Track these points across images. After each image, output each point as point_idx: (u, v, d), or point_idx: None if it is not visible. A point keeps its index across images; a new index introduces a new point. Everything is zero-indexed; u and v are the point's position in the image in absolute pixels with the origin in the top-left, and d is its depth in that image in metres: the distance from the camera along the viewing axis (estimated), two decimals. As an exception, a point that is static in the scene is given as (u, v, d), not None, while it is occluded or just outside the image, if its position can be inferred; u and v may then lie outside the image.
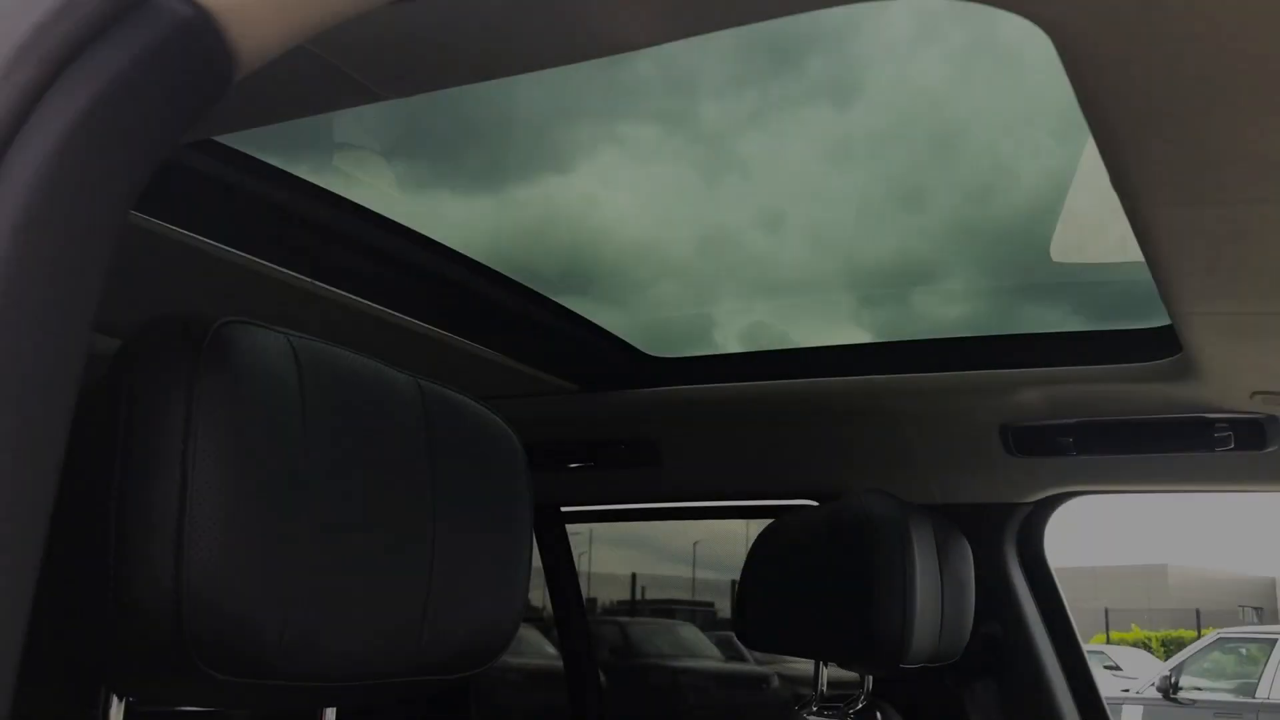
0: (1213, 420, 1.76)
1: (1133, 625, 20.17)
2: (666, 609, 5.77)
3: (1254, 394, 1.61)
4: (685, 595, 5.91)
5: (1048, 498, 2.06)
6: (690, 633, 5.49)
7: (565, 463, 2.37)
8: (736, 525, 1.78)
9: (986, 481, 2.05)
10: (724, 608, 5.94)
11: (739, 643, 5.35)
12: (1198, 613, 18.84)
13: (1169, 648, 16.73)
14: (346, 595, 0.73)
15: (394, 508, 0.77)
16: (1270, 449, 1.74)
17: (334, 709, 0.91)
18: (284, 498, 0.69)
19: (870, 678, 1.84)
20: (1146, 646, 17.68)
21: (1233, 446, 1.76)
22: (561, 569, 2.68)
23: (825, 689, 1.76)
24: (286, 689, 0.73)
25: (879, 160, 2.04)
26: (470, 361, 1.89)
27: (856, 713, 1.84)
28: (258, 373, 0.70)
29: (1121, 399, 1.78)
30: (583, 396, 2.20)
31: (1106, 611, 19.43)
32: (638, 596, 5.61)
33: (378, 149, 1.73)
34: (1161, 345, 1.68)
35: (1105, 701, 2.13)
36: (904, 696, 1.96)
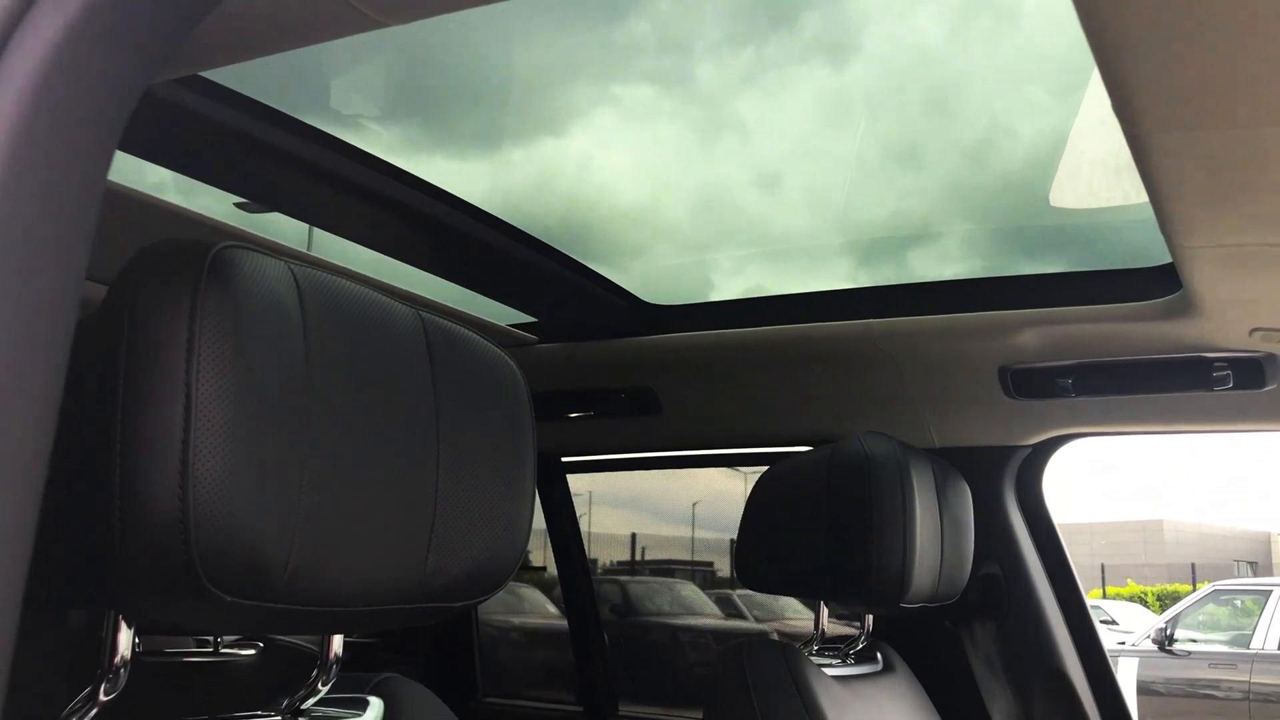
0: (1211, 360, 1.76)
1: (1129, 580, 20.33)
2: (666, 569, 5.81)
3: (1253, 331, 1.61)
4: (685, 555, 5.94)
5: (1046, 440, 2.07)
6: (690, 591, 5.52)
7: (565, 412, 2.37)
8: (735, 484, 1.78)
9: (985, 424, 2.05)
10: (723, 567, 5.98)
11: (738, 603, 5.41)
12: (1193, 567, 18.98)
13: (1164, 602, 16.86)
14: (352, 521, 0.73)
15: (398, 436, 0.77)
16: (1269, 388, 1.75)
17: (340, 636, 0.91)
18: (288, 420, 0.69)
19: (870, 618, 1.86)
20: (1142, 601, 17.82)
21: (1231, 386, 1.76)
22: (563, 518, 2.69)
23: (826, 629, 1.77)
24: (292, 613, 0.73)
25: (876, 119, 2.03)
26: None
27: (857, 653, 1.86)
28: (259, 296, 0.69)
29: (1121, 339, 1.77)
30: (582, 345, 2.20)
31: (1103, 567, 19.58)
32: (637, 557, 5.64)
33: (373, 113, 1.72)
34: (1161, 284, 1.68)
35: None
36: (904, 637, 1.98)
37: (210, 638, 1.11)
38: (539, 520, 2.80)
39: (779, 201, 2.08)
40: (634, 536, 5.49)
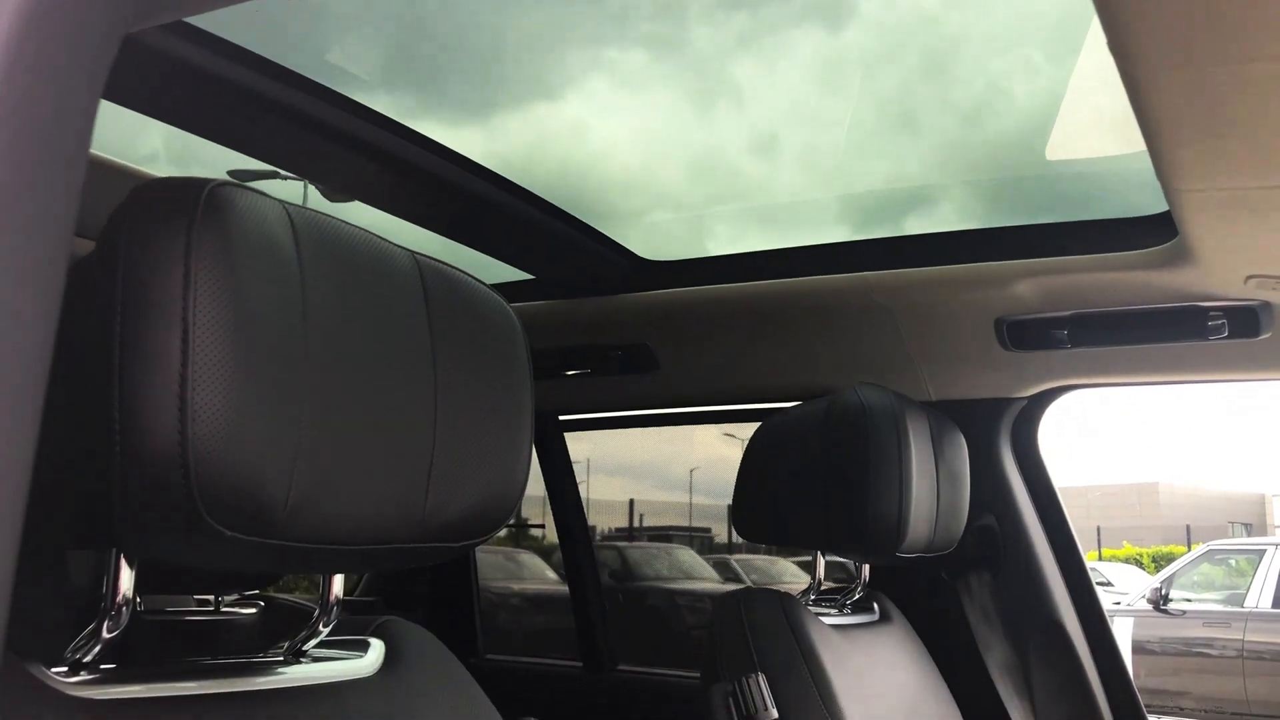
0: (1207, 309, 1.77)
1: (1124, 543, 20.45)
2: (664, 534, 5.84)
3: (1249, 278, 1.61)
4: (683, 521, 5.98)
5: (1042, 392, 2.07)
6: (688, 556, 5.56)
7: (562, 370, 2.37)
8: (733, 451, 1.79)
9: (981, 377, 2.06)
10: (720, 532, 6.01)
11: (736, 568, 5.44)
12: (1188, 529, 19.08)
13: (1160, 563, 16.96)
14: (351, 459, 0.73)
15: (395, 377, 0.77)
16: (1264, 336, 1.75)
17: (340, 579, 0.92)
18: (286, 356, 0.69)
19: (866, 569, 1.87)
20: (1138, 563, 17.93)
21: (1227, 335, 1.77)
22: (561, 476, 2.70)
23: (822, 579, 1.79)
24: (293, 551, 0.73)
25: (871, 82, 2.02)
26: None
27: (853, 604, 1.88)
28: (254, 233, 0.69)
29: (1117, 289, 1.78)
30: (578, 302, 2.20)
31: (1099, 530, 19.68)
32: (635, 524, 5.67)
33: (365, 75, 1.71)
34: (1157, 233, 1.68)
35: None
36: (900, 589, 1.99)
37: (211, 597, 1.12)
38: (538, 487, 2.81)
39: (775, 166, 2.08)
40: (631, 504, 5.51)
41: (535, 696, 2.54)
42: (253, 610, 1.53)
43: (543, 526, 4.28)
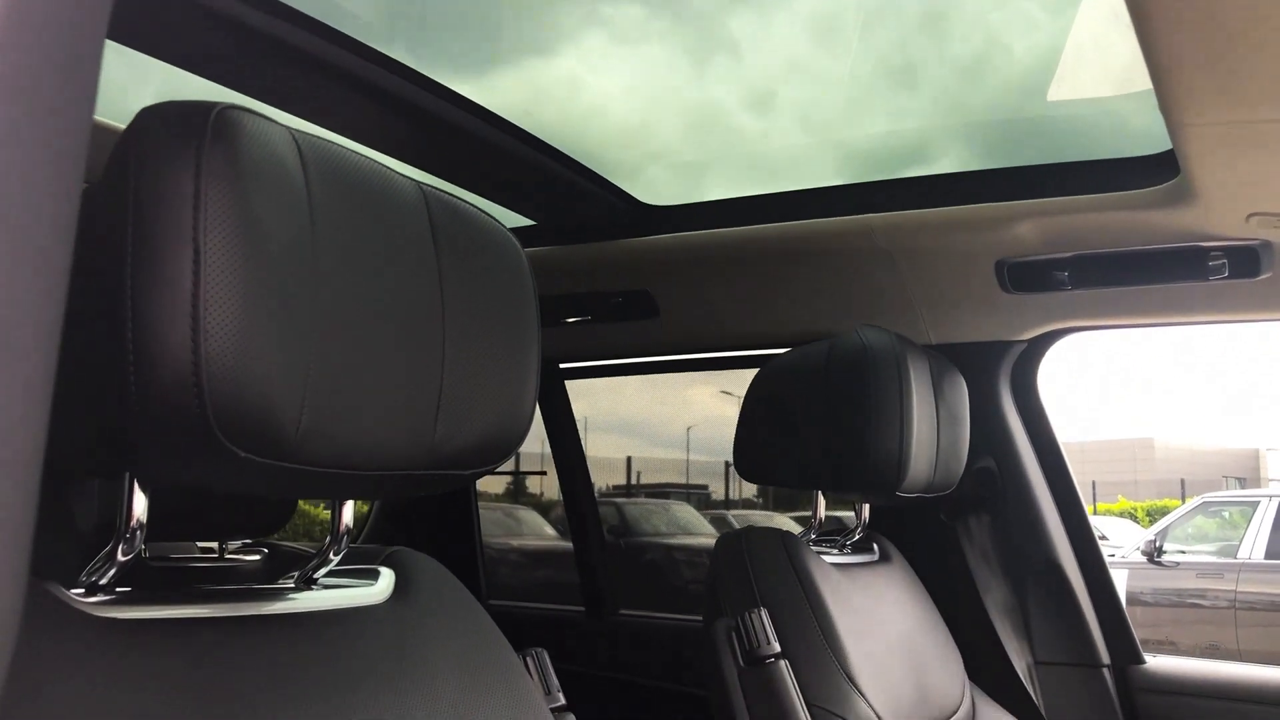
0: (1208, 249, 1.77)
1: (1119, 497, 20.59)
2: (663, 491, 5.88)
3: (1250, 216, 1.61)
4: (680, 479, 6.01)
5: (1042, 335, 2.08)
6: (686, 512, 5.60)
7: (563, 317, 2.37)
8: (730, 409, 1.79)
9: (982, 320, 2.06)
10: (718, 489, 6.05)
11: (734, 524, 5.48)
12: (1182, 483, 19.22)
13: (1154, 517, 17.08)
14: (361, 385, 0.74)
15: (403, 305, 0.77)
16: (1264, 276, 1.75)
17: (350, 508, 0.93)
18: (295, 279, 0.69)
19: (866, 509, 1.89)
20: (1133, 517, 18.05)
21: (1227, 275, 1.77)
22: (563, 424, 2.71)
23: (823, 519, 1.80)
24: (305, 474, 0.74)
25: (869, 37, 1.99)
26: None
27: (854, 544, 1.89)
28: (262, 156, 0.69)
29: (1118, 229, 1.78)
30: (579, 248, 2.20)
31: (1094, 484, 19.81)
32: (633, 481, 5.70)
33: (362, 19, 1.69)
34: (1160, 172, 1.68)
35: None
36: (900, 531, 2.01)
37: (215, 544, 1.12)
38: (535, 444, 2.82)
39: (773, 122, 2.06)
40: (628, 460, 5.54)
41: (539, 639, 2.56)
42: (257, 557, 1.55)
43: (544, 473, 4.29)
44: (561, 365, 2.66)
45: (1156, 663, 2.09)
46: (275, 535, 1.08)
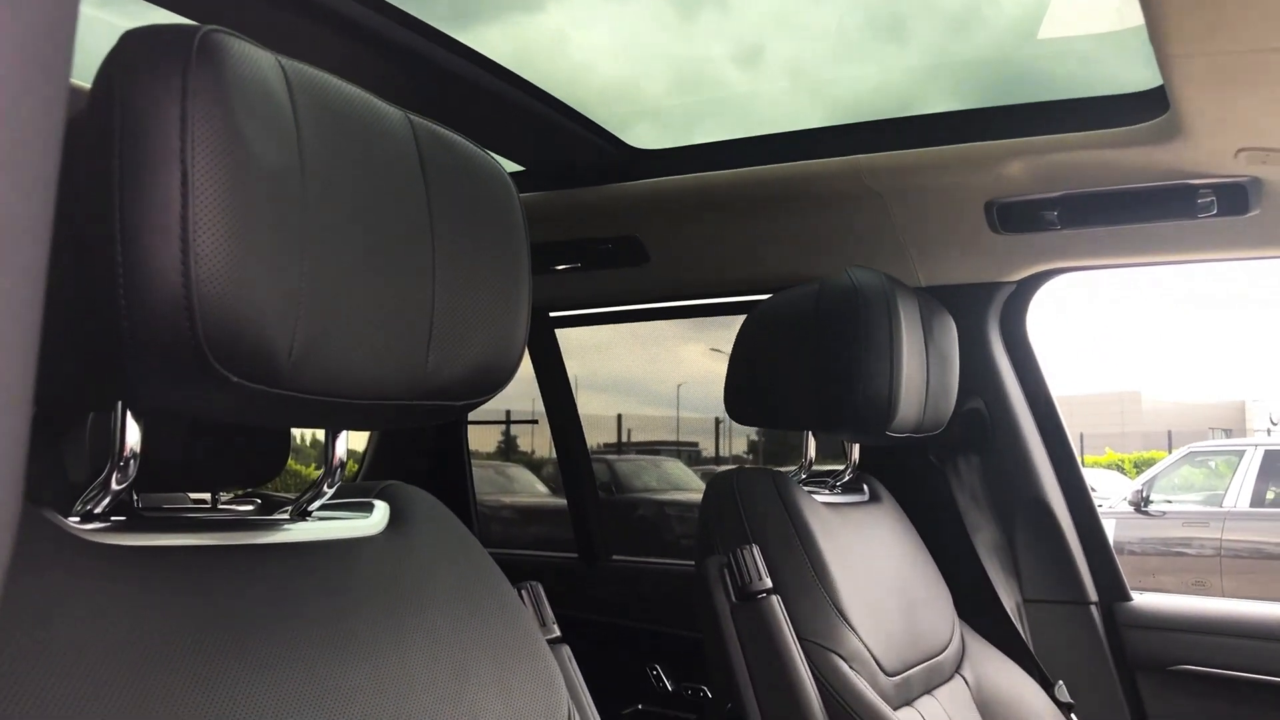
0: (1197, 186, 1.77)
1: (1106, 449, 20.74)
2: (653, 449, 5.91)
3: (1239, 151, 1.61)
4: (671, 436, 6.04)
5: (1031, 276, 2.09)
6: (677, 468, 5.63)
7: (552, 265, 2.37)
8: (720, 366, 1.79)
9: (971, 261, 2.06)
10: (708, 446, 6.08)
11: (720, 471, 5.50)
12: (1169, 434, 19.37)
13: (1141, 468, 17.22)
14: (352, 313, 0.74)
15: (393, 234, 0.77)
16: (1253, 213, 1.76)
17: (343, 441, 0.93)
18: (284, 203, 0.69)
19: (856, 449, 1.90)
20: (1120, 469, 18.20)
21: (1215, 213, 1.77)
22: (554, 373, 2.71)
23: (813, 459, 1.81)
24: (298, 401, 0.74)
25: None
26: None
27: (844, 484, 1.91)
28: (248, 79, 0.68)
29: (1107, 167, 1.77)
30: (568, 193, 2.19)
31: (1081, 437, 19.95)
32: (624, 439, 5.73)
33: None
34: (1149, 108, 1.68)
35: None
36: (889, 472, 2.03)
37: (208, 495, 1.12)
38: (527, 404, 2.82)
39: (761, 77, 2.04)
40: (619, 418, 5.56)
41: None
42: (249, 507, 1.55)
43: (535, 422, 4.31)
44: (552, 314, 2.66)
45: (1143, 599, 2.12)
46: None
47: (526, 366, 2.70)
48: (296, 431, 1.04)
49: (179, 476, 0.96)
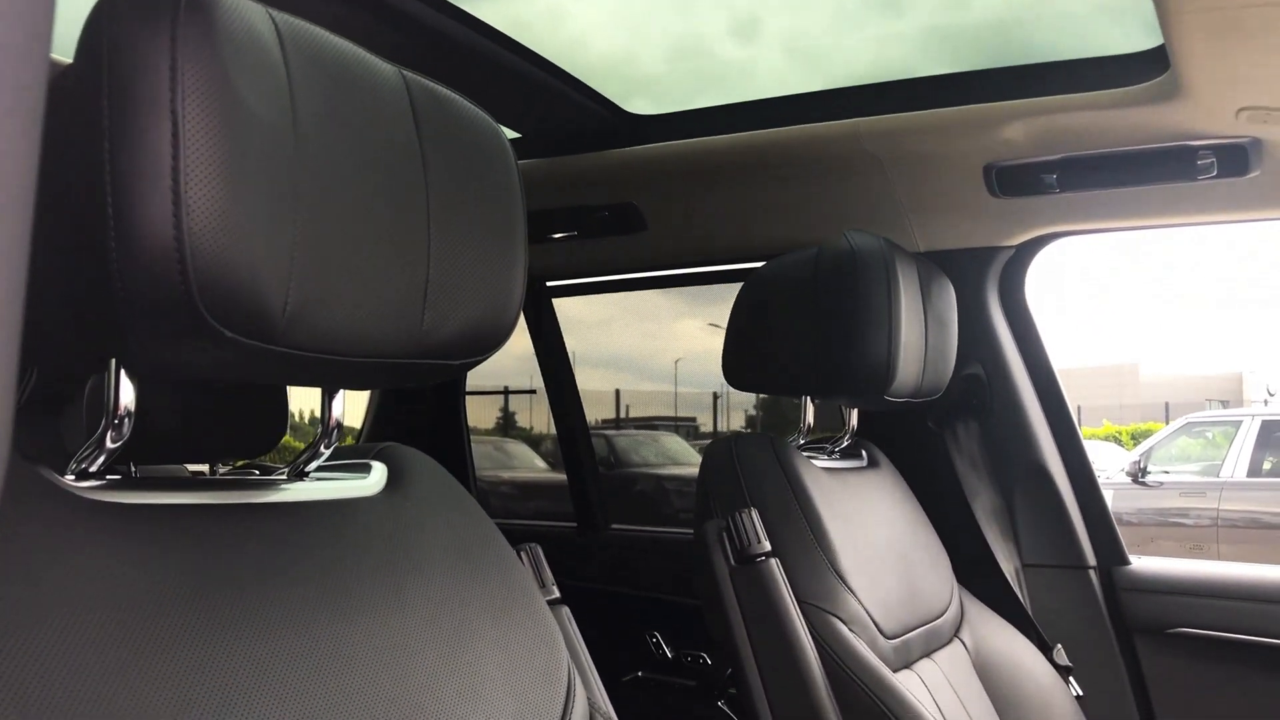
0: (1196, 148, 1.76)
1: (1104, 421, 20.79)
2: (650, 424, 5.93)
3: (1240, 110, 1.60)
4: (669, 411, 6.06)
5: (1030, 240, 2.08)
6: (675, 443, 5.65)
7: (549, 233, 2.36)
8: (717, 341, 1.79)
9: (970, 226, 2.05)
10: (706, 422, 6.09)
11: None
12: (1166, 406, 19.41)
13: (1139, 440, 17.27)
14: (347, 270, 0.73)
15: (386, 191, 0.76)
16: (1252, 174, 1.75)
17: (340, 400, 0.92)
18: (277, 156, 0.68)
19: (855, 415, 1.90)
20: (1117, 440, 18.25)
21: (1215, 174, 1.76)
22: (552, 343, 2.71)
23: (811, 424, 1.81)
24: (293, 358, 0.73)
25: None
26: None
27: (842, 450, 1.91)
28: (239, 30, 0.68)
29: (1107, 129, 1.76)
30: (564, 160, 2.18)
31: (1079, 409, 19.99)
32: (622, 415, 5.74)
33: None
34: (1149, 68, 1.67)
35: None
36: (887, 438, 2.03)
37: (205, 467, 1.12)
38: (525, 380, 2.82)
39: (757, 50, 2.02)
40: (617, 393, 5.57)
41: None
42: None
43: (533, 392, 4.31)
44: (549, 283, 2.65)
45: (1141, 563, 2.13)
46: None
47: (526, 345, 2.70)
48: (293, 407, 1.03)
49: (176, 448, 0.95)
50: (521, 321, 2.66)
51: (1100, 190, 1.87)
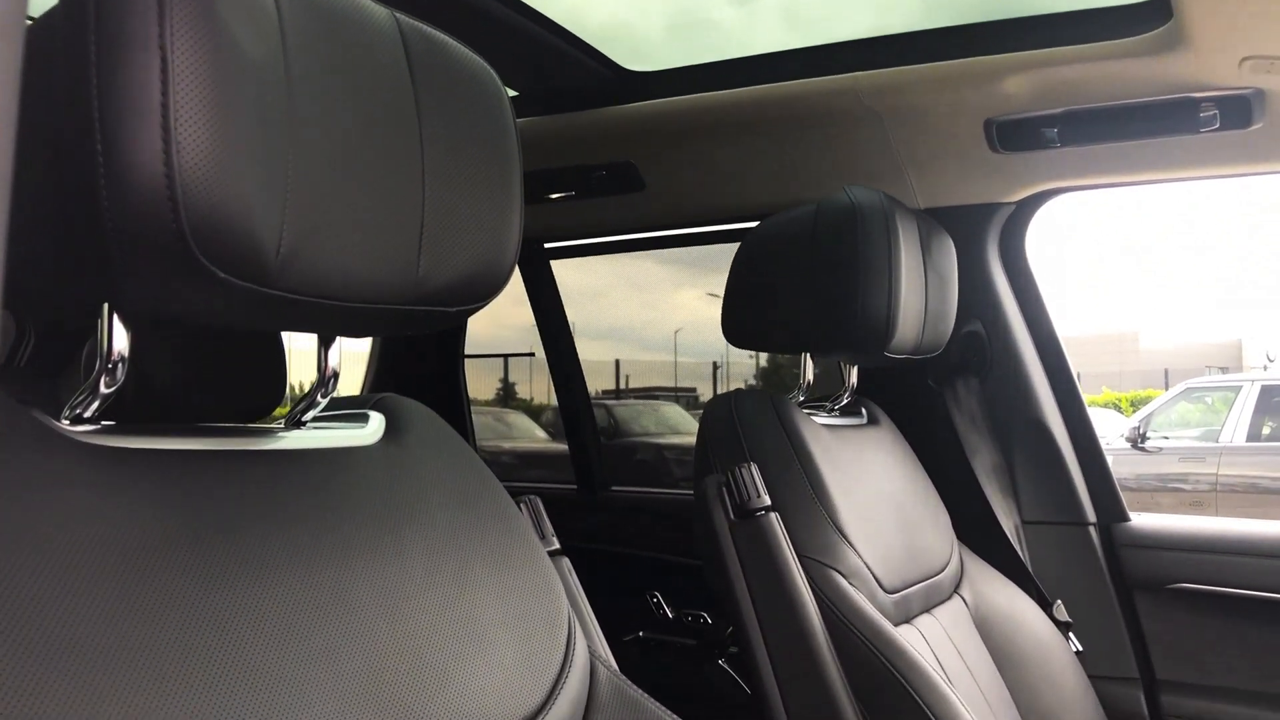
0: (1198, 100, 1.74)
1: (1103, 388, 20.80)
2: (650, 394, 5.93)
3: (1244, 60, 1.59)
4: (668, 381, 6.07)
5: (1031, 196, 2.06)
6: (674, 412, 5.65)
7: (546, 193, 2.34)
8: (716, 311, 1.78)
9: (970, 182, 2.04)
10: (706, 391, 6.10)
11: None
12: (1166, 373, 19.41)
13: (1138, 407, 17.29)
14: (340, 213, 0.72)
15: (380, 134, 0.75)
16: (1255, 126, 1.73)
17: (337, 349, 0.91)
18: (268, 95, 0.67)
19: (854, 373, 1.89)
20: (1117, 407, 18.26)
21: (1218, 126, 1.74)
22: (550, 305, 2.70)
23: (811, 381, 1.80)
24: (287, 302, 0.72)
25: None
26: None
27: (842, 408, 1.90)
28: None
29: (1108, 81, 1.74)
30: (561, 118, 2.16)
31: (1078, 376, 19.99)
32: (622, 385, 5.74)
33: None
34: (1151, 18, 1.65)
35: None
36: (887, 396, 2.02)
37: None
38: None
39: (755, 16, 1.99)
40: (617, 364, 5.57)
41: None
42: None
43: (531, 355, 4.31)
44: (547, 245, 2.64)
45: (1141, 520, 2.13)
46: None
47: (525, 315, 2.70)
48: (292, 380, 1.02)
49: (172, 408, 0.95)
50: (522, 292, 2.66)
51: (1101, 144, 1.86)
